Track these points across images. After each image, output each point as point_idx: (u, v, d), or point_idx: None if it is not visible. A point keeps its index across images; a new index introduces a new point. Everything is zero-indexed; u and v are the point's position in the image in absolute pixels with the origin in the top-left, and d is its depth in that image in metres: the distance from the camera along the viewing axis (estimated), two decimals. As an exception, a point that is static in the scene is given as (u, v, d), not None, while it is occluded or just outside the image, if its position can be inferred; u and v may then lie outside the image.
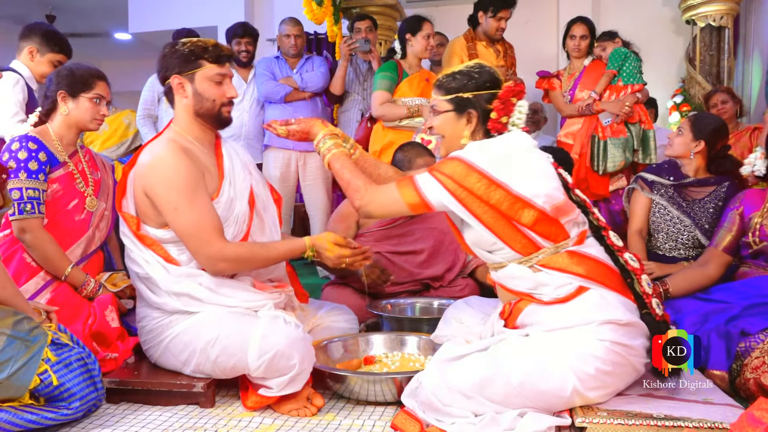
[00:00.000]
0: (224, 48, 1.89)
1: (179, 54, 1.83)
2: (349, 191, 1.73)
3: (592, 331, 1.50)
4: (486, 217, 1.58)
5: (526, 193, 1.57)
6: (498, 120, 1.66)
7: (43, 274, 2.05)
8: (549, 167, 1.68)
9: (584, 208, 1.71)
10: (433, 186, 1.62)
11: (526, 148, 1.66)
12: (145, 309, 1.86)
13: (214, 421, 1.65)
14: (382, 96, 3.38)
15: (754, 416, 1.21)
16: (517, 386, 1.46)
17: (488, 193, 1.57)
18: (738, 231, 2.22)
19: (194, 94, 1.86)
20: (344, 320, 2.15)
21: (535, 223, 1.57)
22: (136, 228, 1.83)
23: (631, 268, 1.59)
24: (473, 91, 1.68)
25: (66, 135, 2.15)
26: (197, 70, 1.84)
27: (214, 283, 1.78)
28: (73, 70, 2.15)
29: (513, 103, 1.67)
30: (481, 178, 1.57)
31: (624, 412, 1.47)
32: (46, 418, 1.52)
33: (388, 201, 1.68)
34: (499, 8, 3.47)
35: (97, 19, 7.36)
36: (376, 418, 1.65)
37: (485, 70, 1.71)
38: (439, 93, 1.74)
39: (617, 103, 3.47)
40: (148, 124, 3.94)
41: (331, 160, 1.79)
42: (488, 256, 1.68)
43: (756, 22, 5.20)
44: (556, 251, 1.59)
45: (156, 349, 1.83)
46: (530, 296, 1.60)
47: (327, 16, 4.47)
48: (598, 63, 3.66)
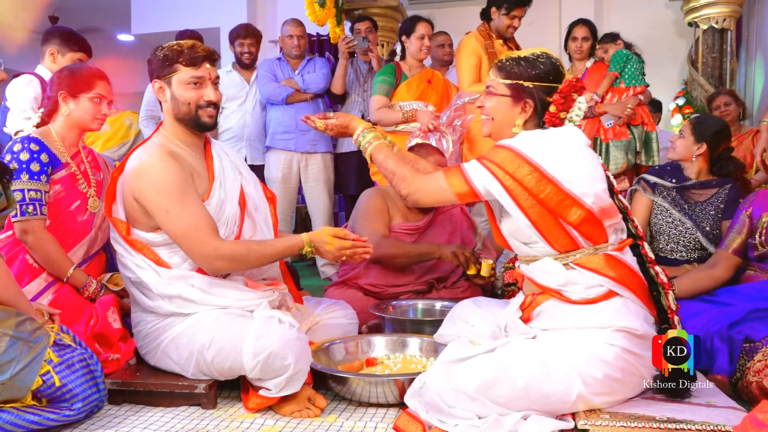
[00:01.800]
0: (200, 49, 1.83)
1: (156, 59, 1.84)
2: (395, 180, 1.71)
3: (605, 335, 1.49)
4: (532, 211, 1.56)
5: (576, 191, 1.55)
6: (557, 114, 1.64)
7: (45, 276, 2.05)
8: (599, 168, 1.66)
9: (625, 214, 1.69)
10: (483, 174, 1.59)
11: (580, 145, 1.64)
12: (139, 314, 1.86)
13: (216, 422, 1.65)
14: (379, 101, 3.39)
15: (757, 419, 1.21)
16: (522, 389, 1.46)
17: (538, 187, 1.54)
18: (747, 233, 2.19)
19: (172, 98, 1.85)
20: (343, 316, 2.14)
21: (581, 222, 1.55)
22: (126, 233, 1.82)
23: (661, 281, 1.59)
24: (535, 81, 1.64)
25: (68, 135, 2.15)
26: (173, 74, 1.83)
27: (207, 283, 1.78)
28: (74, 70, 2.15)
29: (573, 99, 1.64)
30: (533, 170, 1.54)
31: (627, 415, 1.46)
32: (48, 419, 1.52)
33: (436, 189, 1.66)
34: (514, 6, 3.34)
35: (100, 20, 7.37)
36: (378, 419, 1.65)
37: (551, 61, 1.66)
38: (499, 75, 1.69)
39: (619, 105, 3.47)
40: (151, 126, 3.94)
41: (374, 152, 1.78)
42: (522, 248, 1.66)
43: (759, 24, 5.20)
44: (594, 253, 1.58)
45: (153, 353, 1.83)
46: (558, 293, 1.58)
47: (329, 17, 4.49)
48: (599, 65, 3.66)
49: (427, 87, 3.42)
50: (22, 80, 2.65)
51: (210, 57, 1.86)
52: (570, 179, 1.55)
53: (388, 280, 2.59)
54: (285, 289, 2.00)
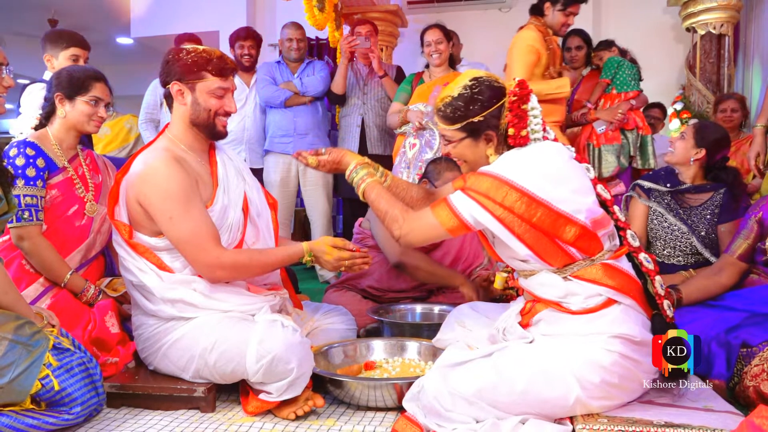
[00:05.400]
0: (229, 61, 1.87)
1: (183, 62, 1.82)
2: (387, 221, 1.68)
3: (603, 341, 1.50)
4: (527, 236, 1.53)
5: (568, 210, 1.52)
6: (518, 135, 1.60)
7: (42, 280, 2.05)
8: (586, 179, 1.63)
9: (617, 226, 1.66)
10: (470, 206, 1.55)
11: (563, 159, 1.60)
12: (141, 317, 1.86)
13: (214, 426, 1.65)
14: (392, 107, 3.61)
15: (754, 423, 1.21)
16: (520, 393, 1.46)
17: (530, 212, 1.50)
18: (755, 238, 2.17)
19: (193, 103, 1.85)
20: (341, 321, 2.15)
21: (576, 239, 1.54)
22: (129, 236, 1.82)
23: (645, 269, 1.59)
24: (481, 112, 1.60)
25: (65, 138, 2.14)
26: (199, 80, 1.83)
27: (208, 288, 1.78)
28: (71, 72, 2.13)
29: (525, 110, 1.60)
30: (522, 195, 1.50)
31: (624, 419, 1.47)
32: (47, 423, 1.52)
33: (426, 227, 1.61)
34: (571, 2, 3.16)
35: (100, 23, 7.38)
36: (377, 423, 1.65)
37: (485, 84, 1.62)
38: (446, 123, 1.65)
39: (610, 111, 3.51)
40: (150, 129, 3.94)
41: (366, 190, 1.76)
42: (520, 265, 1.65)
43: (756, 30, 5.22)
44: (591, 264, 1.57)
45: (154, 356, 1.83)
46: (558, 305, 1.58)
47: (328, 21, 4.50)
48: (595, 73, 3.73)
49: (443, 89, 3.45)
50: (36, 86, 2.65)
51: (236, 70, 1.92)
52: (559, 198, 1.52)
53: (389, 284, 2.59)
54: (286, 294, 2.00)
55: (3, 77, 1.71)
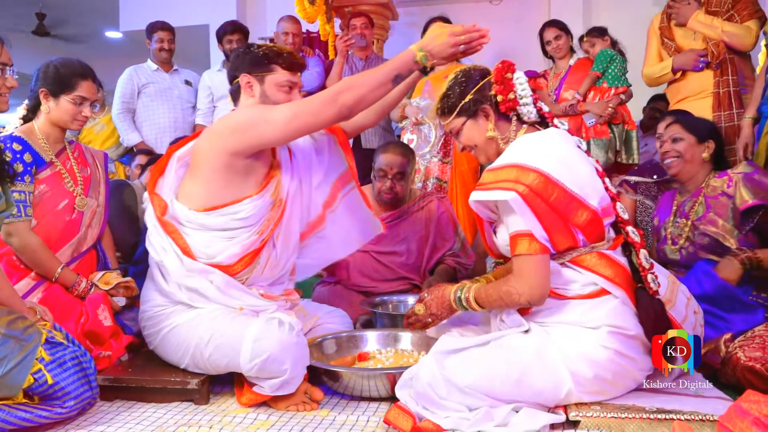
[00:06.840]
0: (299, 57, 1.90)
1: (252, 55, 1.86)
2: (508, 301, 1.56)
3: (598, 336, 1.50)
4: (545, 218, 1.51)
5: (581, 193, 1.54)
6: (506, 99, 1.65)
7: (33, 275, 2.03)
8: (593, 168, 1.65)
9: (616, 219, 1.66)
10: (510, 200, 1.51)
11: (571, 145, 1.64)
12: (152, 292, 1.86)
13: (208, 417, 1.65)
14: None
15: (742, 408, 1.23)
16: (514, 382, 1.47)
17: (546, 191, 1.51)
18: None
19: (261, 95, 1.86)
20: (341, 324, 2.16)
21: (587, 224, 1.55)
22: (162, 212, 1.82)
23: (631, 240, 1.60)
24: (470, 93, 1.68)
25: (51, 133, 2.11)
26: (268, 73, 1.85)
27: (225, 283, 1.78)
28: (58, 67, 2.07)
29: (510, 78, 1.65)
30: (539, 175, 1.51)
31: (617, 406, 1.49)
32: (40, 417, 1.52)
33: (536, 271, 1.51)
34: None
35: (88, 17, 7.31)
36: (371, 413, 1.66)
37: (467, 70, 1.72)
38: (446, 118, 1.73)
39: (601, 104, 3.48)
40: (127, 120, 3.86)
41: (476, 297, 1.64)
42: None
43: (745, 21, 5.23)
44: (589, 251, 1.57)
45: (155, 337, 1.84)
46: (555, 293, 1.57)
47: (319, 14, 4.47)
48: (583, 62, 3.65)
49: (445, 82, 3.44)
50: None
51: (304, 67, 1.97)
52: (572, 181, 1.54)
53: (365, 281, 2.62)
54: (298, 298, 2.02)
55: (6, 77, 1.69)
